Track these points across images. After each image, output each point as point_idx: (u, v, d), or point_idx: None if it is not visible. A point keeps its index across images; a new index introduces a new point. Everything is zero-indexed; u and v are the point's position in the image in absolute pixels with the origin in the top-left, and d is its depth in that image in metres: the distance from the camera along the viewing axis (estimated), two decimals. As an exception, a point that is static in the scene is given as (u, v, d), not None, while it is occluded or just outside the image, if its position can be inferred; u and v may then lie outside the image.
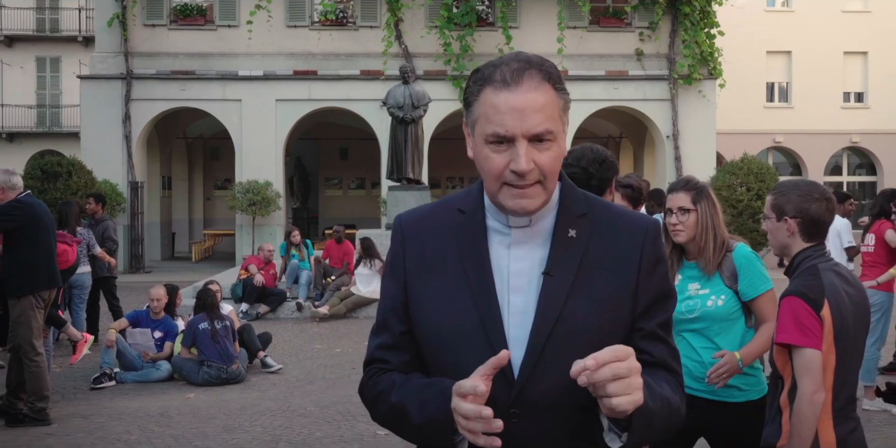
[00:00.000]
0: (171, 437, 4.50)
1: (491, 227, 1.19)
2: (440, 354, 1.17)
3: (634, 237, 1.19)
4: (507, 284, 1.16)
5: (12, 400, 4.79)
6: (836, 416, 2.04)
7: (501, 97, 1.10)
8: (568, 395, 1.12)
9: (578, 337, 1.13)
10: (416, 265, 1.21)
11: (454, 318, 1.15)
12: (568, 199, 1.19)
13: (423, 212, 1.26)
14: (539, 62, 1.13)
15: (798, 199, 2.18)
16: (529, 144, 1.10)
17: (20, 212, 4.67)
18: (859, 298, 2.15)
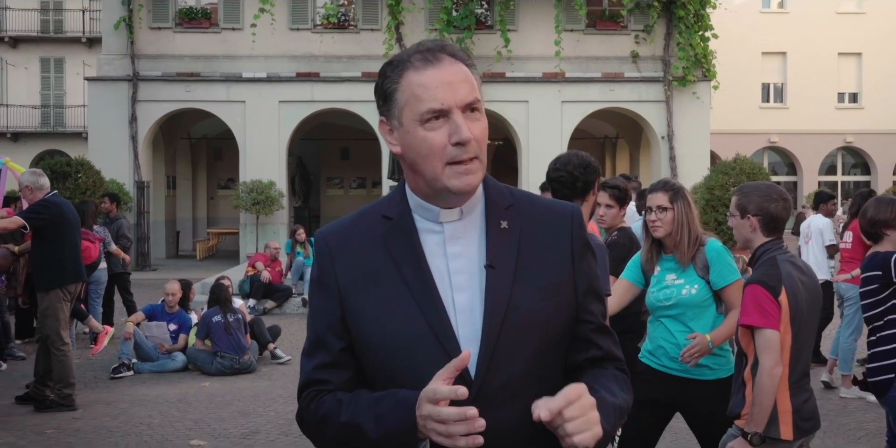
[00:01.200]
0: (190, 420, 4.82)
1: (421, 229, 1.17)
2: (392, 365, 1.14)
3: (562, 224, 1.20)
4: (448, 284, 1.14)
5: (40, 387, 5.11)
6: (791, 388, 2.36)
7: (428, 74, 1.10)
8: (525, 386, 1.13)
9: (529, 326, 1.14)
10: (349, 278, 1.17)
11: (402, 326, 1.12)
12: (492, 192, 1.20)
13: (345, 224, 1.23)
14: (443, 43, 1.16)
15: (759, 200, 2.50)
16: (462, 115, 1.11)
17: (48, 211, 4.98)
18: (812, 286, 2.47)
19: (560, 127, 15.94)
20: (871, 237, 3.22)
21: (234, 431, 4.56)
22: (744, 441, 2.29)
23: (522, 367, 1.13)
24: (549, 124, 15.91)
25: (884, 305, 3.02)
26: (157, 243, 16.74)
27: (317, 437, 1.17)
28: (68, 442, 4.37)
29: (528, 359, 1.14)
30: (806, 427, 2.36)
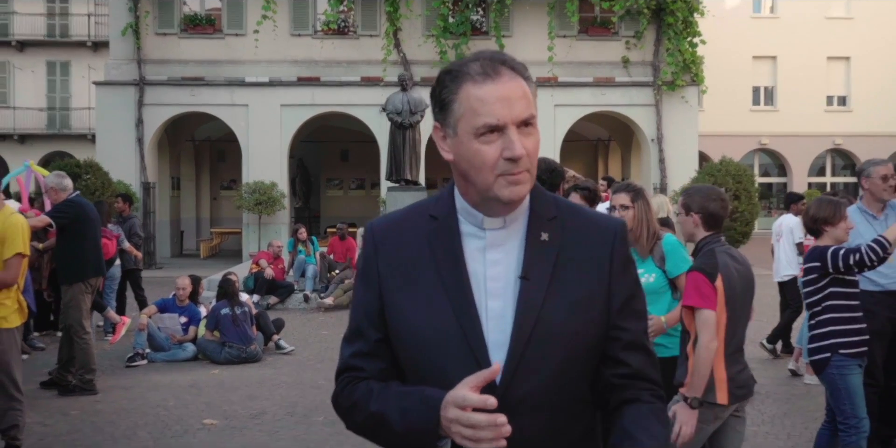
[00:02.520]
0: (202, 403, 5.24)
1: (465, 232, 1.19)
2: (420, 361, 1.17)
3: (604, 239, 1.20)
4: (483, 289, 1.16)
5: (63, 373, 5.53)
6: (727, 359, 2.77)
7: (486, 89, 1.11)
8: (549, 396, 1.15)
9: (556, 339, 1.15)
10: (390, 272, 1.20)
11: (434, 324, 1.15)
12: (538, 203, 1.21)
13: (394, 219, 1.25)
14: (504, 57, 1.16)
15: (700, 199, 2.92)
16: (517, 130, 1.13)
17: (71, 210, 5.40)
18: (746, 273, 2.89)
19: (553, 130, 16.37)
20: (812, 233, 3.62)
21: (242, 412, 4.98)
22: (685, 404, 2.70)
23: (547, 378, 1.15)
24: (543, 127, 16.16)
25: (822, 293, 3.42)
26: (162, 242, 17.16)
27: (348, 420, 1.22)
28: (92, 421, 4.79)
29: (554, 371, 1.15)
30: (739, 394, 2.78)
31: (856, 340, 3.34)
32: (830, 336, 3.36)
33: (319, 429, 4.61)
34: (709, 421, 2.71)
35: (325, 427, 4.62)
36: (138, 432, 4.54)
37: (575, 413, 1.19)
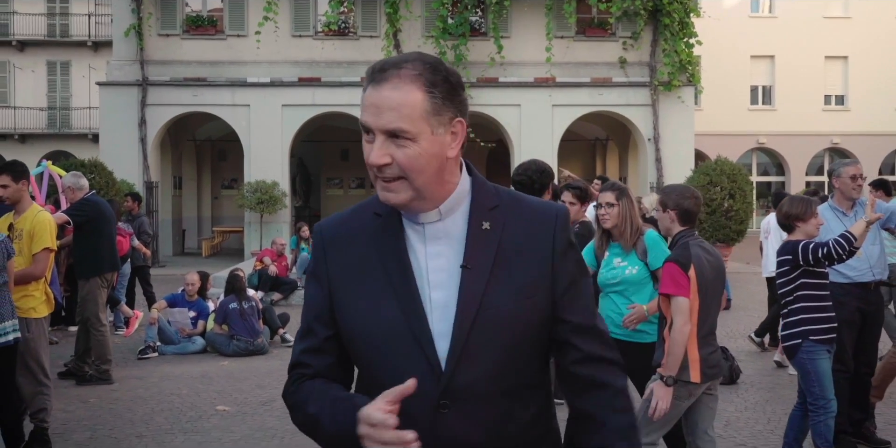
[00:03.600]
0: (214, 391, 5.51)
1: (407, 227, 1.21)
2: (370, 355, 1.20)
3: (545, 224, 1.23)
4: (426, 281, 1.18)
5: (80, 364, 5.79)
6: (699, 342, 3.05)
7: (367, 92, 1.14)
8: (494, 383, 1.17)
9: (500, 326, 1.17)
10: (339, 272, 1.23)
11: (380, 319, 1.18)
12: (479, 193, 1.23)
13: (341, 218, 1.28)
14: (418, 63, 1.14)
15: (676, 197, 3.19)
16: (388, 140, 1.13)
17: (88, 208, 5.66)
18: (717, 264, 3.16)
19: (551, 129, 16.62)
20: (785, 229, 3.89)
21: (253, 400, 5.25)
22: (661, 382, 2.97)
23: (492, 364, 1.17)
24: (541, 127, 16.60)
25: (793, 284, 3.69)
26: (165, 241, 17.40)
27: (292, 416, 1.27)
28: (111, 408, 5.05)
29: (498, 357, 1.17)
30: (711, 373, 3.05)
31: (825, 328, 3.61)
32: (801, 324, 3.62)
33: (326, 414, 4.88)
34: (683, 397, 2.98)
35: (331, 413, 4.89)
36: (155, 418, 4.80)
37: (523, 398, 1.21)
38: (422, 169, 1.14)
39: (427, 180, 1.15)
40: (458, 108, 1.17)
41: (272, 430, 4.57)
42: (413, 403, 1.13)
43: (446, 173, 1.18)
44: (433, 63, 1.16)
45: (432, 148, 1.14)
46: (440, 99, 1.14)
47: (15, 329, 3.57)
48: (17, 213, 4.18)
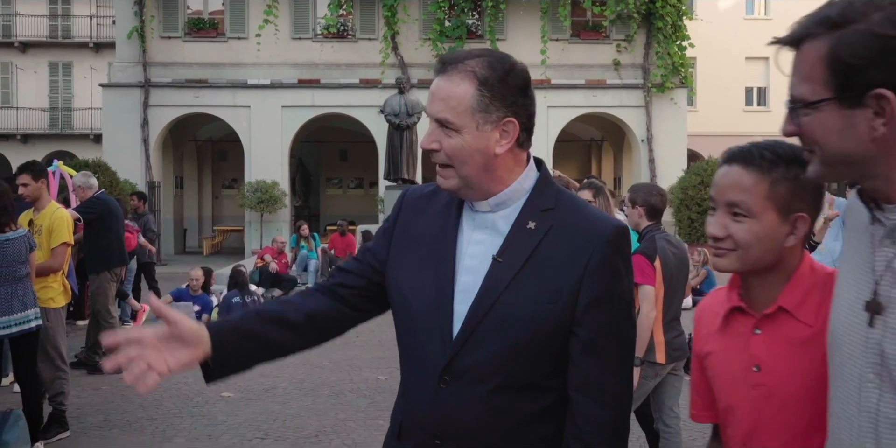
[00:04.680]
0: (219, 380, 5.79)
1: (466, 211, 1.29)
2: (400, 316, 1.31)
3: (591, 237, 1.22)
4: (462, 264, 1.25)
5: (91, 354, 6.08)
6: (665, 326, 3.34)
7: (434, 82, 1.24)
8: (495, 371, 1.21)
9: (512, 322, 1.20)
10: (403, 234, 1.33)
11: (418, 289, 1.27)
12: (538, 193, 1.26)
13: (424, 189, 1.37)
14: (480, 60, 1.21)
15: (644, 195, 3.50)
16: (439, 128, 1.21)
17: (98, 206, 5.95)
18: (681, 255, 3.46)
19: (546, 130, 16.91)
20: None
21: (256, 387, 5.54)
22: None
23: (495, 354, 1.21)
24: (536, 128, 16.30)
25: None
26: (166, 240, 17.69)
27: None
28: (122, 394, 5.34)
29: (503, 349, 1.21)
30: (675, 355, 3.35)
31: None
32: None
33: (325, 400, 5.18)
34: (650, 377, 3.28)
35: (330, 398, 5.19)
36: (164, 403, 5.09)
37: (524, 394, 1.22)
38: (464, 160, 1.21)
39: (472, 172, 1.22)
40: (512, 109, 1.22)
41: (274, 413, 4.86)
42: (422, 373, 1.25)
43: (498, 169, 1.23)
44: (495, 61, 1.21)
45: (476, 142, 1.20)
46: (489, 97, 1.19)
47: (37, 317, 3.86)
48: (37, 209, 4.48)
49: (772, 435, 1.20)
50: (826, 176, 1.04)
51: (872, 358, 1.00)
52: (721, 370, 1.26)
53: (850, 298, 1.04)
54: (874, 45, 0.93)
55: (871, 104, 0.95)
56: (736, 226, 1.20)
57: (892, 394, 0.98)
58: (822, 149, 1.00)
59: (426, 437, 1.25)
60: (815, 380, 1.16)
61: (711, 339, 1.28)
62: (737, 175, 1.20)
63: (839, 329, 1.05)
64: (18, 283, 3.73)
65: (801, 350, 1.18)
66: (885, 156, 0.97)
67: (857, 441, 1.01)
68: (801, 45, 1.00)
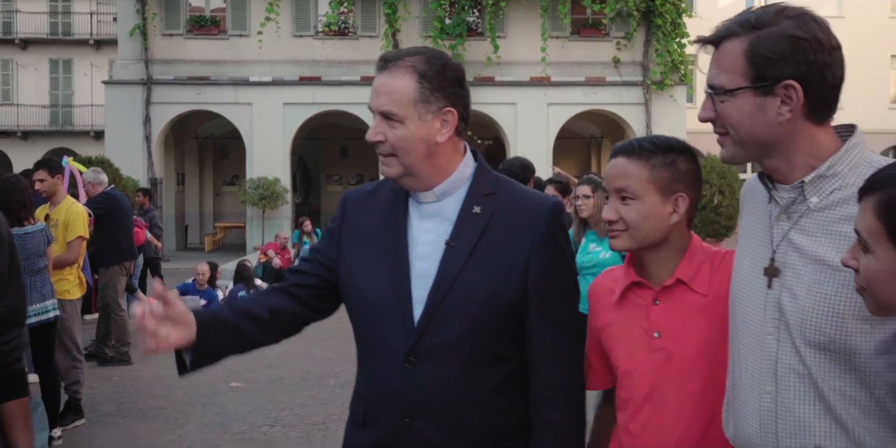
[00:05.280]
0: (227, 370, 5.92)
1: (411, 204, 1.37)
2: (359, 310, 1.38)
3: (532, 215, 1.33)
4: (415, 252, 1.33)
5: (101, 346, 6.21)
6: None
7: (376, 78, 1.32)
8: (459, 347, 1.30)
9: (470, 300, 1.29)
10: (350, 233, 1.40)
11: (373, 280, 1.34)
12: (479, 180, 1.36)
13: (365, 190, 1.46)
14: (418, 56, 1.29)
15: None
16: (383, 120, 1.29)
17: (108, 202, 6.08)
18: None
19: (546, 127, 17.04)
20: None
21: (263, 378, 5.68)
22: None
23: (457, 332, 1.30)
24: (536, 125, 17.01)
25: None
26: (168, 236, 17.79)
27: None
28: (133, 385, 5.47)
29: (465, 326, 1.30)
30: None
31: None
32: None
33: (331, 390, 5.32)
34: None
35: (336, 388, 5.33)
36: (174, 393, 5.22)
37: (487, 366, 1.31)
38: (408, 149, 1.30)
39: (415, 160, 1.31)
40: (451, 99, 1.30)
41: (282, 403, 4.99)
42: (387, 357, 1.32)
43: (439, 158, 1.32)
44: (431, 58, 1.30)
45: (419, 132, 1.29)
46: (429, 89, 1.28)
47: (55, 307, 3.98)
48: (53, 204, 4.60)
49: (671, 393, 1.34)
50: (737, 156, 1.20)
51: (771, 314, 1.18)
52: (620, 338, 1.40)
53: (749, 265, 1.22)
54: (787, 44, 1.12)
55: (780, 93, 1.13)
56: (624, 208, 1.35)
57: (788, 343, 1.16)
58: (737, 130, 1.17)
59: (395, 418, 1.31)
60: (709, 343, 1.33)
61: (608, 312, 1.42)
62: (622, 165, 1.37)
63: (740, 292, 1.23)
64: (37, 275, 3.86)
65: (697, 317, 1.34)
66: (787, 139, 1.15)
67: (758, 384, 1.19)
68: (723, 42, 1.17)
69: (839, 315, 1.11)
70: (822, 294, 1.12)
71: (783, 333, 1.16)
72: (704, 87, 1.22)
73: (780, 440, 1.16)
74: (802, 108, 1.13)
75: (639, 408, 1.37)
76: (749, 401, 1.20)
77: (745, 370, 1.21)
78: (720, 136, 1.20)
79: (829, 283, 1.10)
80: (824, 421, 1.13)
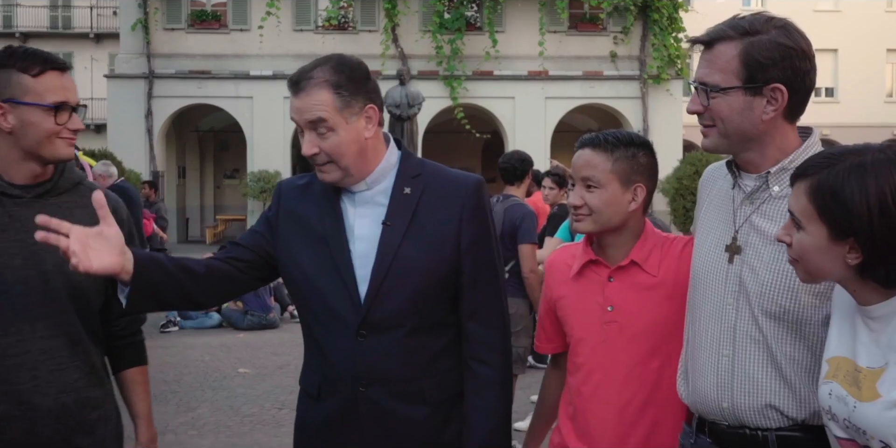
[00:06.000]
0: (234, 357, 6.13)
1: (344, 192, 1.47)
2: (306, 291, 1.45)
3: (458, 191, 1.45)
4: (353, 235, 1.43)
5: (111, 335, 6.41)
6: None
7: (291, 101, 1.41)
8: (405, 317, 1.41)
9: (411, 272, 1.40)
10: (285, 219, 1.49)
11: (316, 263, 1.43)
12: (405, 165, 1.48)
13: (299, 181, 1.55)
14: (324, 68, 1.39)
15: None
16: (314, 134, 1.38)
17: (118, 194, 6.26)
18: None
19: (544, 121, 17.20)
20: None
21: (269, 364, 5.88)
22: None
23: (402, 303, 1.40)
24: (534, 119, 17.17)
25: None
26: (169, 229, 17.88)
27: None
28: (143, 371, 5.67)
29: (408, 297, 1.41)
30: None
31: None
32: None
33: (336, 375, 5.52)
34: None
35: (340, 374, 5.53)
36: (184, 378, 5.42)
37: (432, 332, 1.44)
38: (344, 153, 1.40)
39: (351, 161, 1.42)
40: (367, 97, 1.40)
41: (289, 387, 5.19)
42: (338, 332, 1.41)
43: (369, 151, 1.43)
44: (336, 66, 1.40)
45: (349, 135, 1.39)
46: (347, 95, 1.38)
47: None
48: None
49: (620, 360, 1.51)
50: (720, 147, 1.36)
51: (732, 287, 1.34)
52: (576, 309, 1.56)
53: (711, 244, 1.39)
54: (778, 51, 1.28)
55: (767, 94, 1.29)
56: (589, 195, 1.51)
57: (747, 313, 1.32)
58: (725, 124, 1.32)
59: (350, 388, 1.41)
60: (657, 317, 1.51)
61: (565, 285, 1.58)
62: (588, 156, 1.53)
63: (702, 266, 1.40)
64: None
65: (647, 294, 1.52)
66: (765, 135, 1.32)
67: (717, 348, 1.36)
68: (716, 44, 1.33)
69: (794, 290, 1.27)
70: (780, 271, 1.27)
71: (742, 304, 1.31)
72: (692, 82, 1.36)
73: (735, 397, 1.32)
74: (783, 109, 1.28)
75: (591, 372, 1.53)
76: (708, 363, 1.35)
77: (705, 336, 1.37)
78: (706, 127, 1.35)
79: (787, 261, 1.24)
80: (775, 381, 1.29)
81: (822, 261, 1.12)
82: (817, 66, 1.32)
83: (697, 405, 1.39)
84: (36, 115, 1.44)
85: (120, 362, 1.68)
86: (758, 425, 1.30)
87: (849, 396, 1.11)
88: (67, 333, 1.49)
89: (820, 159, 1.14)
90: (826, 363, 1.19)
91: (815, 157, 1.17)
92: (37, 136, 1.45)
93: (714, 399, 1.34)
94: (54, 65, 1.46)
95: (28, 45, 1.71)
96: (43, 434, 1.45)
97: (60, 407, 1.47)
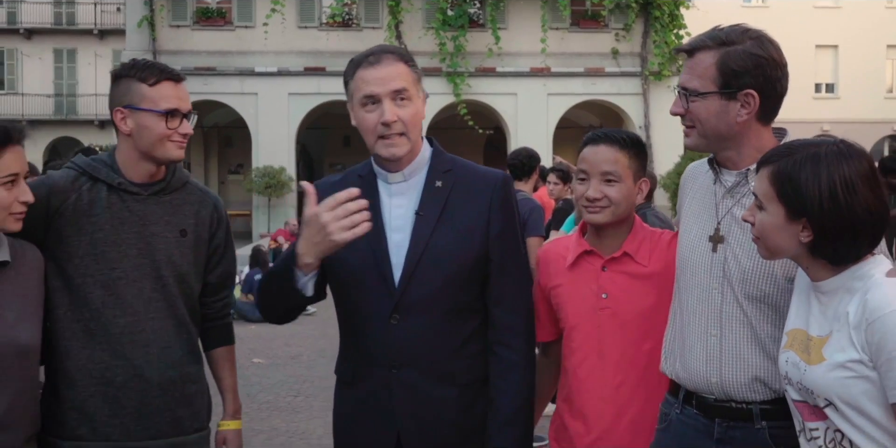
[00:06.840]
0: (247, 348, 6.31)
1: (380, 185, 1.56)
2: (344, 278, 1.54)
3: (487, 185, 1.55)
4: (389, 225, 1.52)
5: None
6: None
7: (366, 72, 1.47)
8: (436, 302, 1.49)
9: (442, 260, 1.49)
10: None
11: (355, 252, 1.48)
12: (437, 160, 1.57)
13: (334, 179, 1.64)
14: (393, 49, 1.53)
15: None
16: (394, 102, 1.46)
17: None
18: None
19: (546, 117, 17.32)
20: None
21: (282, 354, 6.07)
22: None
23: (433, 289, 1.49)
24: (536, 115, 17.30)
25: None
26: (176, 224, 18.13)
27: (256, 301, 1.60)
28: (160, 361, 5.86)
29: (439, 283, 1.49)
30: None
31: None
32: None
33: (347, 365, 5.71)
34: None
35: (352, 363, 5.72)
36: (201, 368, 5.61)
37: (461, 317, 1.52)
38: (416, 124, 1.51)
39: (416, 136, 1.52)
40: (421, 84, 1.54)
41: (303, 376, 5.38)
42: (373, 316, 1.51)
43: (418, 137, 1.54)
44: (397, 48, 1.60)
45: (420, 108, 1.51)
46: (417, 73, 1.53)
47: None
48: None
49: (613, 344, 1.64)
50: (700, 146, 1.51)
51: (717, 273, 1.48)
52: (571, 297, 1.68)
53: (696, 234, 1.54)
54: (750, 60, 1.42)
55: (741, 99, 1.43)
56: (609, 189, 1.63)
57: (731, 296, 1.46)
58: (703, 125, 1.47)
59: (384, 371, 1.50)
60: (647, 304, 1.64)
61: (559, 275, 1.70)
62: (608, 152, 1.65)
63: (688, 255, 1.54)
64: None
65: (638, 283, 1.65)
66: (741, 136, 1.46)
67: (705, 328, 1.49)
68: (696, 53, 1.47)
69: (774, 275, 1.41)
70: (760, 259, 1.40)
71: (727, 289, 1.45)
72: (675, 87, 1.51)
73: (723, 373, 1.45)
74: (756, 112, 1.42)
75: (586, 355, 1.64)
76: (697, 342, 1.48)
77: (693, 318, 1.49)
78: (687, 128, 1.51)
79: None
80: (759, 357, 1.43)
81: (780, 238, 1.27)
82: (818, 62, 1.44)
83: (686, 380, 1.50)
84: (150, 119, 1.63)
85: (211, 341, 1.85)
86: (744, 398, 1.44)
87: (801, 362, 1.26)
88: (174, 316, 1.68)
89: (782, 149, 1.30)
90: (785, 335, 1.34)
91: (778, 148, 1.33)
92: (150, 138, 1.64)
93: (703, 375, 1.46)
94: (169, 76, 1.65)
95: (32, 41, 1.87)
96: (153, 404, 1.65)
97: (168, 381, 1.66)
